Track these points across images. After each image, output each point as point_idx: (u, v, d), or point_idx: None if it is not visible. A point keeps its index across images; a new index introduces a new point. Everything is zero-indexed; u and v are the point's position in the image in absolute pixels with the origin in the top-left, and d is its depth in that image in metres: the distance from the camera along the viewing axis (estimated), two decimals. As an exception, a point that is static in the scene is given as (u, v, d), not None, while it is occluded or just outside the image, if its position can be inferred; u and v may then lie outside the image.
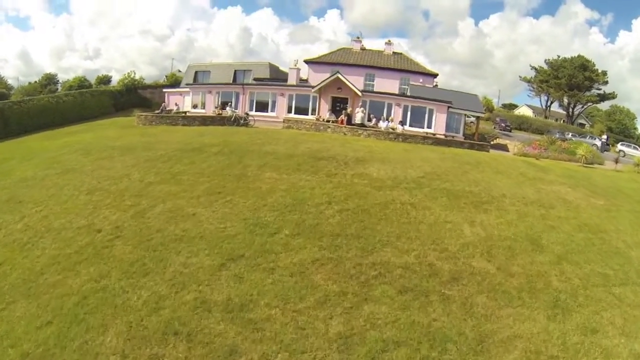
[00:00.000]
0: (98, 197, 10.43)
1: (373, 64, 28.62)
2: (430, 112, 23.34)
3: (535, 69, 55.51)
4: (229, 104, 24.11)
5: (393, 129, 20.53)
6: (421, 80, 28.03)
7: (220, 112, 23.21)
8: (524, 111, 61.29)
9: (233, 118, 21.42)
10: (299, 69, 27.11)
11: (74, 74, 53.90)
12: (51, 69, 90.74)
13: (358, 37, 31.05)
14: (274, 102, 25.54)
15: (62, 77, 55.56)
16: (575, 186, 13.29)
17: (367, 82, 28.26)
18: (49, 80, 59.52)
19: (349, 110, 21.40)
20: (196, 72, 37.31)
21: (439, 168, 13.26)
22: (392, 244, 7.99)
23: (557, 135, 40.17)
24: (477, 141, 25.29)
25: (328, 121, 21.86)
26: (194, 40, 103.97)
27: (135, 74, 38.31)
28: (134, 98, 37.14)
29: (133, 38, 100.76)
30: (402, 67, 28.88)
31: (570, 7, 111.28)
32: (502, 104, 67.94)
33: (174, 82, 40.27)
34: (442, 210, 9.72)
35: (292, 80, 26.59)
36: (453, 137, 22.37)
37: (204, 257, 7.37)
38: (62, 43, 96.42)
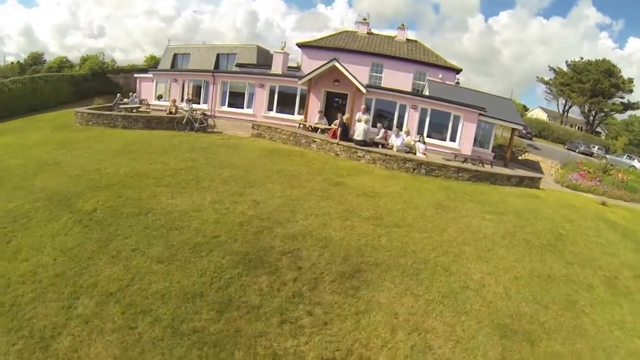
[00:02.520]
0: None
1: (382, 52, 20.91)
2: (456, 120, 15.81)
3: (554, 70, 47.30)
4: (188, 98, 16.63)
5: (410, 147, 12.98)
6: (440, 76, 20.40)
7: (172, 110, 15.68)
8: (537, 114, 53.24)
9: (185, 120, 14.07)
10: (286, 54, 19.33)
11: (78, 52, 46.22)
12: (54, 47, 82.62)
13: (365, 19, 23.14)
14: (251, 96, 18.11)
15: (61, 55, 46.97)
16: None
17: (374, 74, 20.70)
18: (35, 60, 51.67)
19: (344, 118, 13.26)
20: (175, 55, 29.63)
21: (520, 283, 5.76)
22: None
23: (583, 147, 32.70)
24: (510, 160, 18.15)
25: (315, 129, 14.38)
26: (200, 22, 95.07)
27: (103, 55, 30.57)
28: (102, 84, 29.63)
29: (138, 18, 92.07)
30: (418, 58, 21.21)
31: (583, 9, 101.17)
32: (512, 105, 59.73)
33: (154, 65, 32.58)
34: None
35: (277, 67, 18.87)
36: (491, 163, 14.93)
37: None
38: (66, 21, 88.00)
